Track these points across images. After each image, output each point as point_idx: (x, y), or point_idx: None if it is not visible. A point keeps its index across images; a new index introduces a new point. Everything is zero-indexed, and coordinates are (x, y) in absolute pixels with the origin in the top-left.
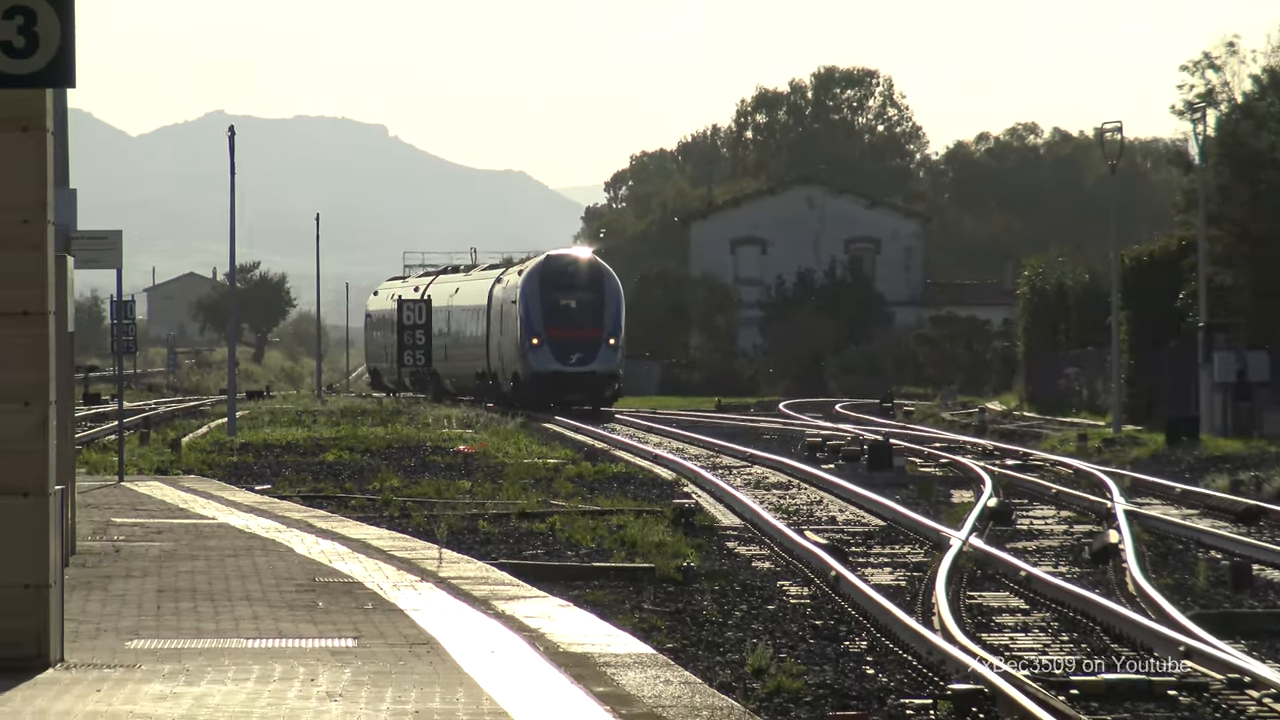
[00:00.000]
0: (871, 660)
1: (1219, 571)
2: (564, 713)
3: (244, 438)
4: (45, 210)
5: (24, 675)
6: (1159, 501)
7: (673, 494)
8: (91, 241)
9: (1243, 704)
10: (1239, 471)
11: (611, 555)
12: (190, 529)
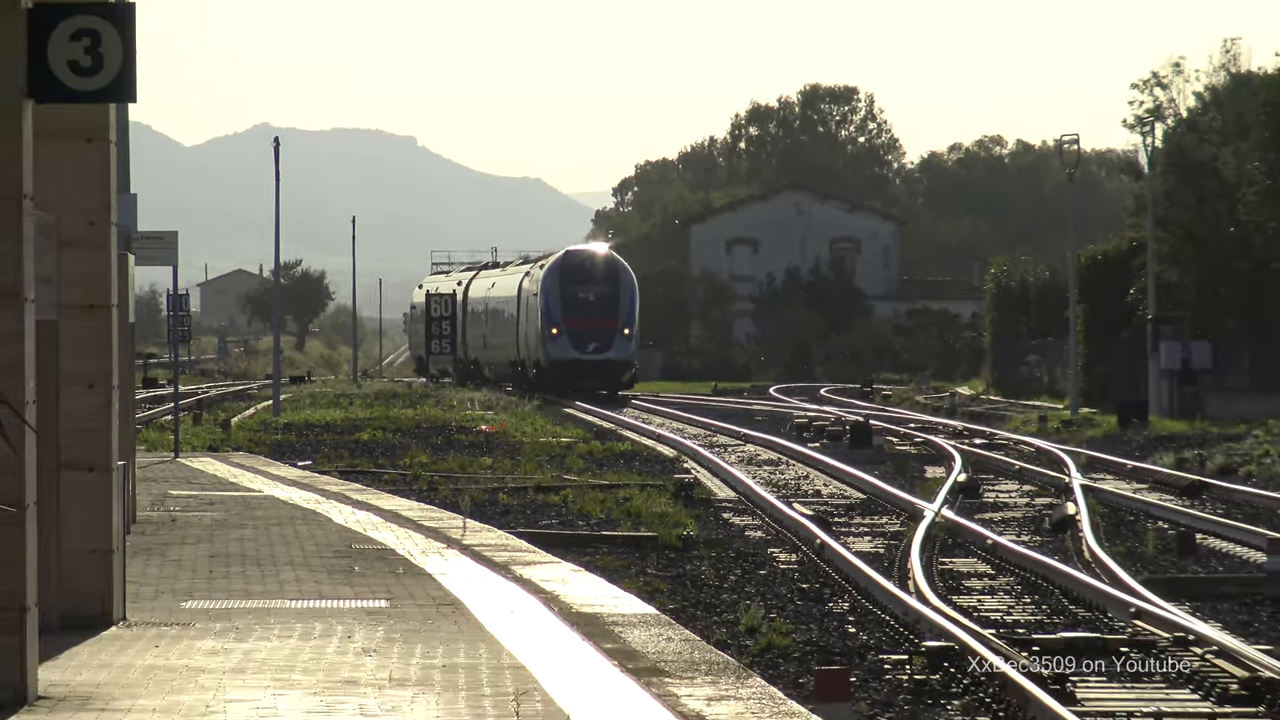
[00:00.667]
0: (853, 620)
1: (1166, 540)
2: (576, 667)
3: (287, 418)
4: (109, 213)
5: (90, 632)
6: (1112, 477)
7: (674, 470)
8: (150, 241)
9: (1187, 660)
10: (1184, 450)
11: (619, 525)
12: (239, 501)
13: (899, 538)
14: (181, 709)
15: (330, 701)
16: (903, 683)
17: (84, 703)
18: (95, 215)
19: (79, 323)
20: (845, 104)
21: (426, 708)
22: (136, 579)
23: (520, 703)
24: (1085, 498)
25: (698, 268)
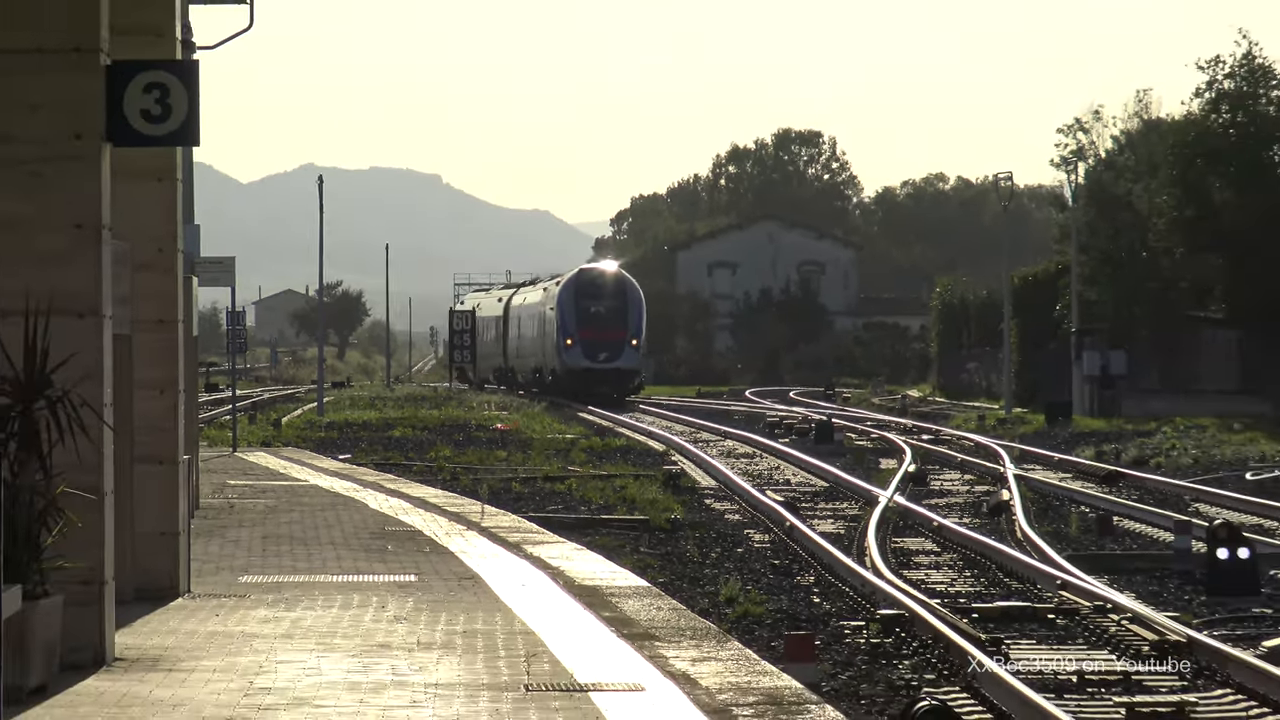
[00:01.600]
0: (818, 591)
1: (1087, 522)
2: (578, 632)
3: (330, 418)
4: (175, 241)
5: (160, 603)
6: (1040, 467)
7: (663, 462)
8: (211, 265)
9: (1105, 625)
10: (1102, 444)
11: (615, 510)
12: (288, 489)
13: (857, 520)
14: (238, 669)
15: (366, 663)
16: (860, 645)
17: (154, 663)
18: (164, 243)
19: (150, 336)
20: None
21: (450, 667)
22: (199, 557)
23: (530, 663)
24: (1018, 486)
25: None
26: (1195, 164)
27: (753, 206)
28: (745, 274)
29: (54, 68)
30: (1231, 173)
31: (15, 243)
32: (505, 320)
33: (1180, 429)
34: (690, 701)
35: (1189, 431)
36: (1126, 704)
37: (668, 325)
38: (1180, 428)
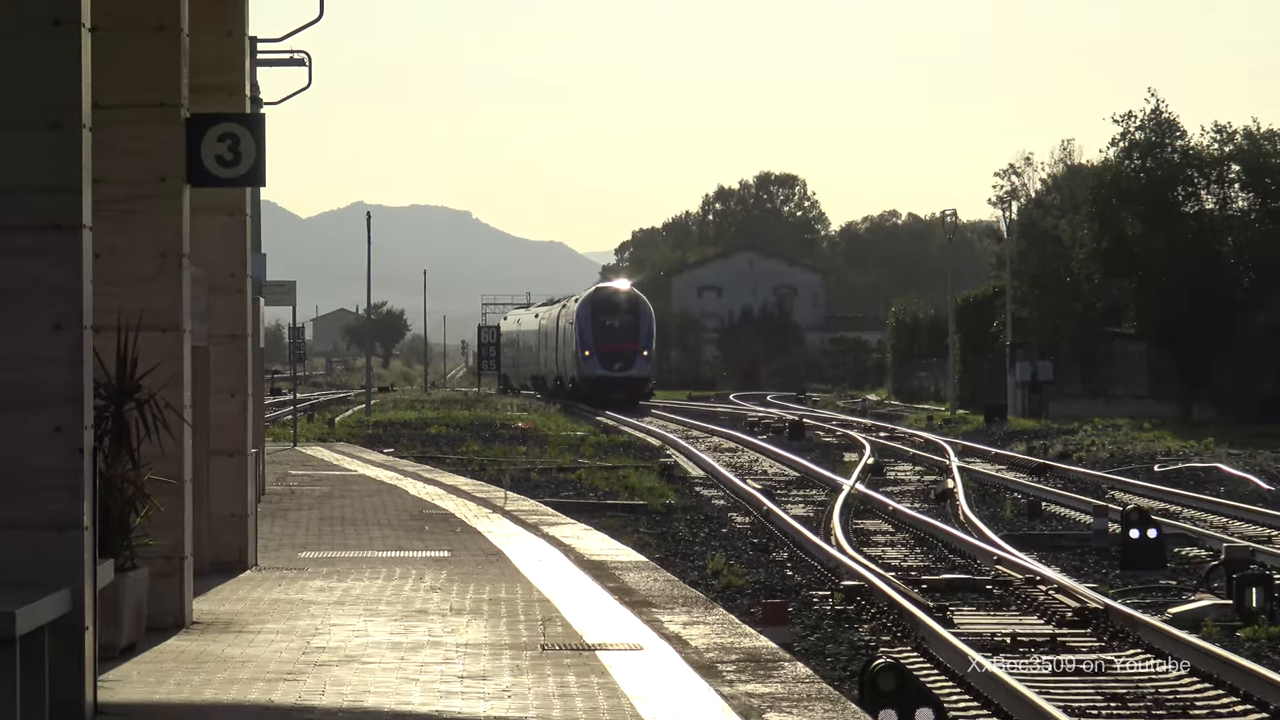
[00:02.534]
0: (790, 566)
1: (1019, 506)
2: (586, 599)
3: (376, 418)
4: (245, 268)
5: (231, 574)
6: (980, 460)
7: (659, 455)
8: (276, 288)
9: (1034, 594)
10: (1033, 440)
11: (618, 495)
12: (340, 478)
13: (824, 505)
14: (298, 631)
15: (407, 625)
16: (827, 612)
17: (225, 626)
18: (235, 269)
19: (223, 348)
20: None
21: (477, 630)
22: (265, 535)
23: (545, 626)
24: (960, 476)
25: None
26: (1111, 203)
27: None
28: (729, 296)
29: (143, 121)
30: (1142, 210)
31: (110, 268)
32: (537, 334)
33: (1099, 428)
34: (682, 659)
35: (1106, 430)
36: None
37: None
38: (1099, 426)
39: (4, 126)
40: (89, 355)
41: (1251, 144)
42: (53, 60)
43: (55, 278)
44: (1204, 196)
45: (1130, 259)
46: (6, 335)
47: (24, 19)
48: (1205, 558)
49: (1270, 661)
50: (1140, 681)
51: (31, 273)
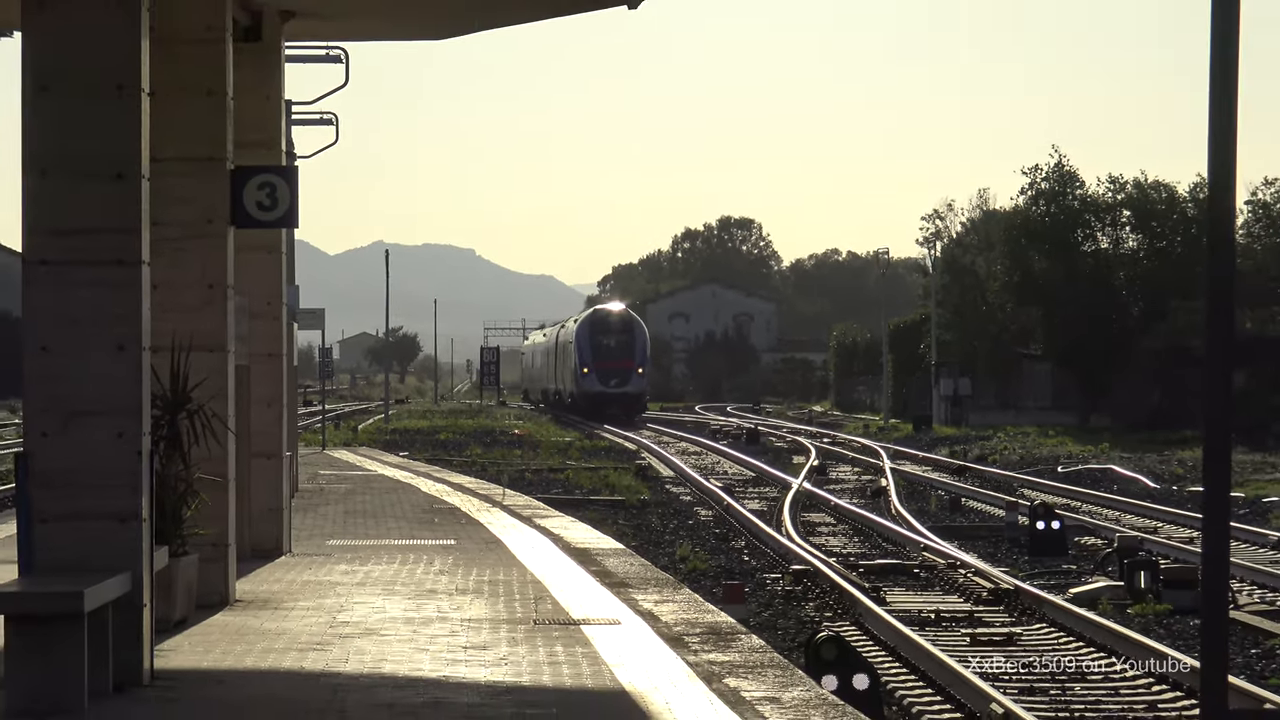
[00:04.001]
0: (747, 553)
1: (943, 502)
2: (572, 581)
3: (393, 426)
4: (280, 297)
5: (269, 559)
6: (909, 462)
7: (635, 457)
8: (307, 314)
9: (955, 577)
10: (954, 446)
11: (600, 492)
12: (362, 477)
13: (776, 501)
14: (325, 608)
15: (419, 603)
16: (778, 592)
17: (264, 604)
18: (272, 298)
19: (261, 366)
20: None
21: (479, 606)
22: (297, 526)
23: (537, 604)
24: (892, 475)
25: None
26: (1020, 242)
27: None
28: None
29: (194, 172)
30: (1046, 249)
31: (165, 298)
32: (543, 353)
33: (1010, 435)
34: (654, 632)
35: (1016, 437)
36: (970, 634)
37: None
38: (1010, 434)
39: (77, 177)
40: (147, 372)
41: (1140, 192)
42: (117, 120)
43: (119, 306)
44: (1099, 237)
45: (1037, 290)
46: (78, 355)
47: (94, 85)
48: (1101, 546)
49: (1156, 634)
50: (1045, 651)
51: (99, 302)
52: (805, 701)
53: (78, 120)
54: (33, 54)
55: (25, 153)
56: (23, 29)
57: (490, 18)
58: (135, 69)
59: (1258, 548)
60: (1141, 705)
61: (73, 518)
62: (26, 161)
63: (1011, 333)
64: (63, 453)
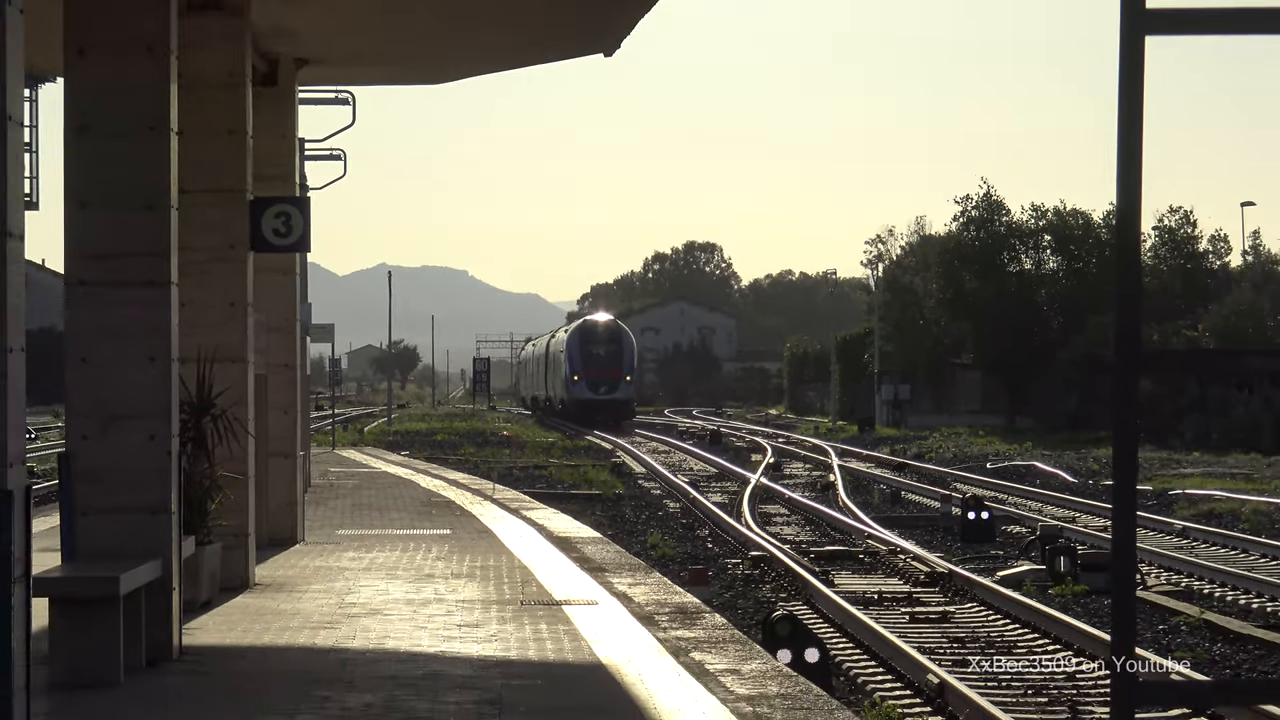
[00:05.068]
0: (710, 540)
1: (885, 495)
2: (554, 566)
3: (395, 428)
4: (295, 313)
5: (284, 547)
6: (854, 459)
7: (610, 455)
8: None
9: (896, 561)
10: (895, 444)
11: (579, 487)
12: (367, 474)
13: (736, 494)
14: (334, 590)
15: (418, 585)
16: (738, 575)
17: (280, 587)
18: (287, 315)
19: (277, 375)
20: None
21: (472, 589)
22: (310, 518)
23: (523, 587)
24: (840, 471)
25: None
26: (953, 264)
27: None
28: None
29: (218, 203)
30: (976, 270)
31: (192, 315)
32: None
33: (944, 435)
34: (628, 611)
35: (950, 437)
36: (909, 612)
37: None
38: (944, 434)
39: (113, 208)
40: (176, 381)
41: (1059, 219)
42: (149, 157)
43: (151, 322)
44: (1023, 259)
45: (968, 307)
46: (114, 366)
47: (128, 125)
48: (1025, 533)
49: (1074, 612)
50: (976, 628)
51: (133, 318)
52: (762, 673)
53: (114, 157)
54: (73, 97)
55: (66, 186)
56: (64, 75)
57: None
58: (165, 111)
59: (1164, 535)
60: (1061, 675)
61: (110, 511)
62: (67, 194)
63: (945, 344)
64: (101, 453)
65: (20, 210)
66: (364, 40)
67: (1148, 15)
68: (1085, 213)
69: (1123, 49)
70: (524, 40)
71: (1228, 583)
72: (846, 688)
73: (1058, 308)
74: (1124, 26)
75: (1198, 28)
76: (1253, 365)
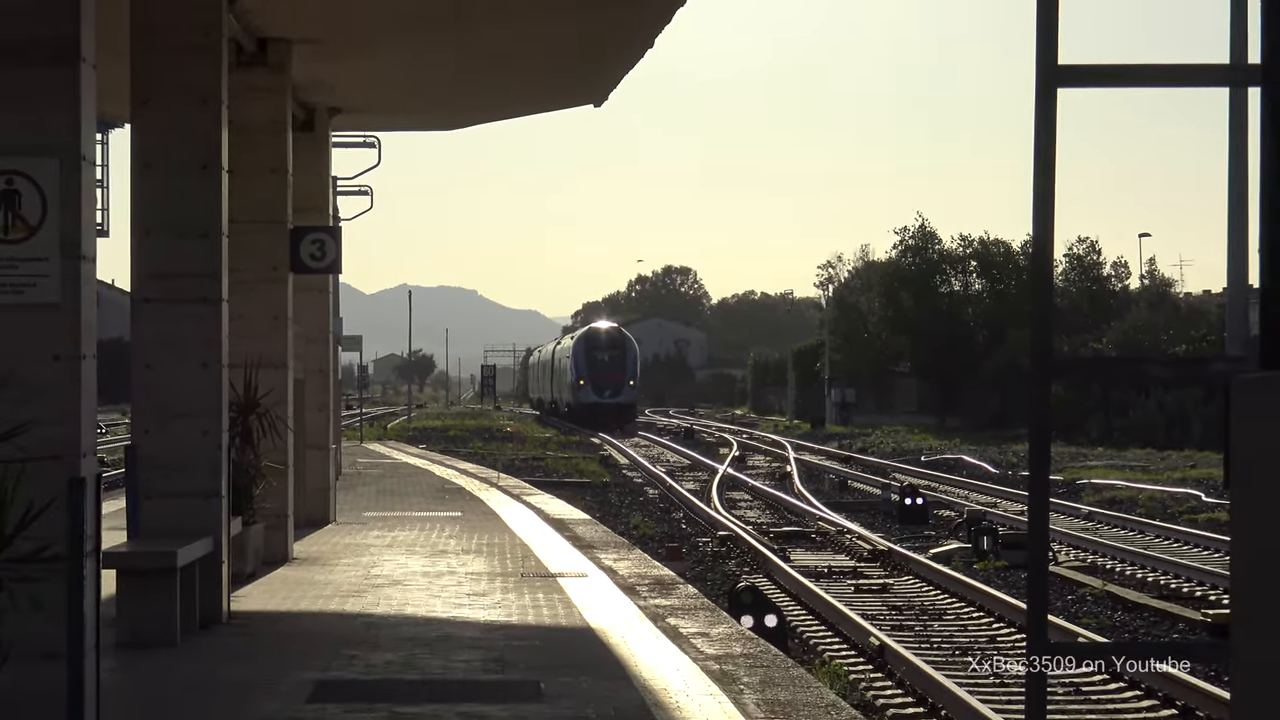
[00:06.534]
0: (684, 522)
1: (834, 483)
2: (550, 542)
3: (415, 425)
4: (329, 326)
5: (318, 527)
6: (808, 453)
7: (599, 449)
8: (349, 339)
9: (843, 540)
10: (842, 440)
11: (572, 475)
12: (390, 464)
13: (707, 482)
14: (361, 564)
15: (434, 559)
16: (708, 552)
17: (315, 560)
18: (322, 327)
19: (314, 379)
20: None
21: (480, 563)
22: (341, 502)
23: (524, 561)
24: (795, 463)
25: None
26: (893, 285)
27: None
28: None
29: (262, 231)
30: (913, 290)
31: (240, 327)
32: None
33: (885, 432)
34: (613, 583)
35: (890, 434)
36: (854, 584)
37: None
38: (885, 432)
39: (172, 235)
40: (226, 384)
41: (984, 248)
42: (203, 192)
43: (205, 333)
44: (953, 282)
45: (905, 322)
46: (175, 371)
47: (185, 165)
48: (954, 517)
49: (995, 584)
50: (911, 598)
51: (190, 330)
52: (729, 636)
53: (173, 192)
54: (138, 141)
55: (133, 216)
56: (131, 122)
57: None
58: (217, 153)
59: (1073, 518)
60: (984, 638)
61: (169, 495)
62: (134, 223)
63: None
64: (162, 445)
65: (93, 237)
66: (388, 94)
67: (1059, 70)
68: (1006, 242)
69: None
70: (526, 93)
71: (1127, 559)
72: (801, 649)
73: (982, 323)
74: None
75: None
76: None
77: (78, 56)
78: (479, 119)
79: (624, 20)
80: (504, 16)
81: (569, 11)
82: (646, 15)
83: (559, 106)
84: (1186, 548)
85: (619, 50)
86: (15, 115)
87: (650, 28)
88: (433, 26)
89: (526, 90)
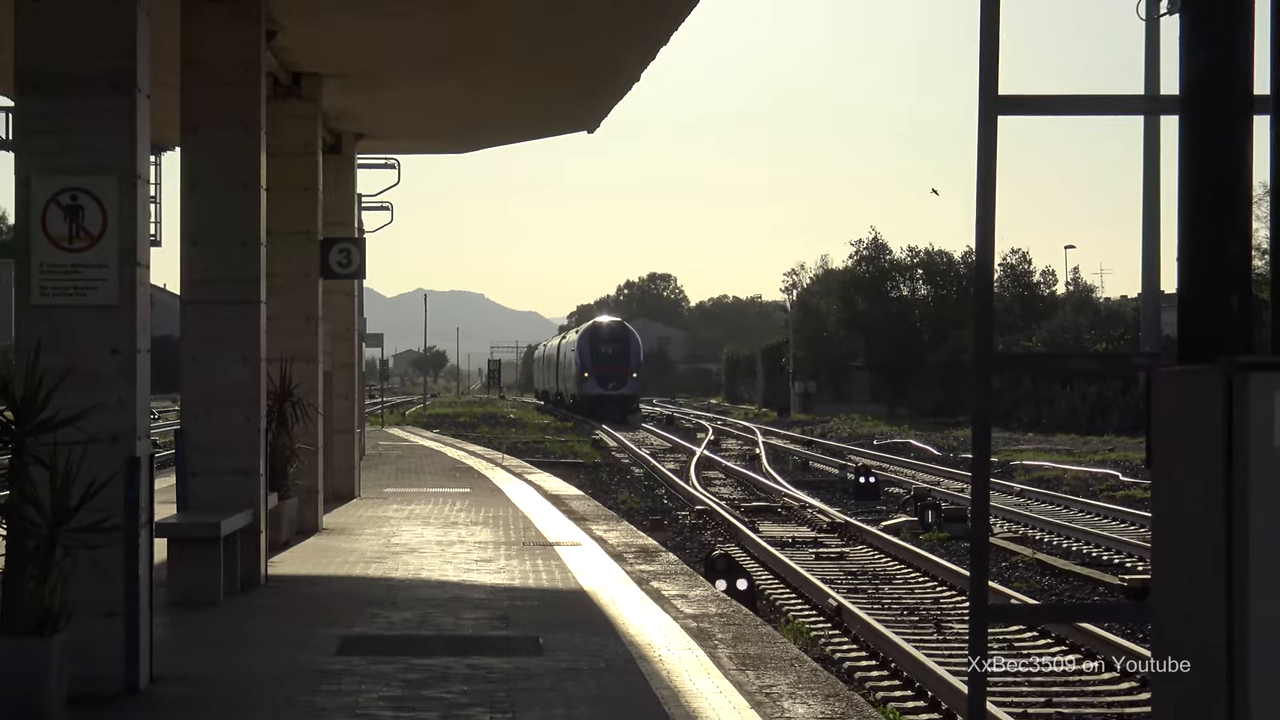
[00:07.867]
0: (666, 498)
1: (797, 464)
2: (549, 516)
3: (429, 412)
4: (354, 326)
5: (345, 502)
6: (775, 437)
7: (591, 433)
8: (371, 337)
9: (805, 514)
10: (804, 426)
11: (568, 456)
12: (408, 446)
13: (686, 462)
14: (382, 534)
15: (446, 530)
16: (686, 524)
17: (341, 531)
18: (348, 326)
19: (341, 371)
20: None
21: (486, 534)
22: (365, 479)
23: (525, 532)
24: (764, 447)
25: None
26: (850, 290)
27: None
28: None
29: (295, 242)
30: (866, 295)
31: (276, 326)
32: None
33: (842, 419)
34: (603, 551)
35: (846, 421)
36: (815, 552)
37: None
38: (842, 419)
39: (217, 245)
40: (264, 376)
41: (929, 257)
42: (244, 207)
43: (244, 331)
44: (902, 288)
45: (861, 324)
46: (218, 364)
47: (228, 183)
48: (902, 493)
49: (939, 553)
50: (865, 564)
51: (233, 328)
52: (705, 598)
53: (217, 207)
54: (187, 162)
55: (182, 228)
56: (180, 145)
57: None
58: (256, 172)
59: (1007, 495)
60: (929, 600)
61: (213, 473)
62: (183, 234)
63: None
64: (207, 430)
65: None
66: (407, 122)
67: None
68: (949, 252)
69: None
70: (527, 121)
71: (1054, 531)
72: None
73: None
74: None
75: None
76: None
77: (134, 88)
78: (486, 143)
79: (613, 57)
80: (506, 56)
81: (564, 49)
82: (633, 52)
83: (557, 132)
84: (1106, 521)
85: (609, 82)
86: (80, 139)
87: (637, 63)
88: (444, 65)
89: (527, 118)
